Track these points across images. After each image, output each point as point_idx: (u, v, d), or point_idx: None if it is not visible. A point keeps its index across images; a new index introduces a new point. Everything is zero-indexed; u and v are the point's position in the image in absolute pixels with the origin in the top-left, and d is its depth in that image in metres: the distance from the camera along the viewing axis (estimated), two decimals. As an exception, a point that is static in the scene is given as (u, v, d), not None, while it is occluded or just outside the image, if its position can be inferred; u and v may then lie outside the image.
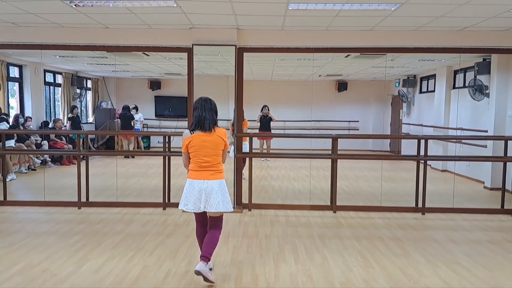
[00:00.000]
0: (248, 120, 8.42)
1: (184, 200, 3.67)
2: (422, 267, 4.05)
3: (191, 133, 3.66)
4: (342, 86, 13.95)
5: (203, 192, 3.60)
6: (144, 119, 13.30)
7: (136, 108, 12.57)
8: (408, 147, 10.61)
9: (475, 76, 8.35)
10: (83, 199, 6.26)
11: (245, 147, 7.11)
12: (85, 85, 12.11)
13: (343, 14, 5.26)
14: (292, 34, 6.23)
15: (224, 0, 4.72)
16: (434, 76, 10.71)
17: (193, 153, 3.66)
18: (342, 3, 4.81)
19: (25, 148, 8.73)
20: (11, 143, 7.73)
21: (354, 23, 5.80)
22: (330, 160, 6.44)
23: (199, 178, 3.63)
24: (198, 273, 3.50)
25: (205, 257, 3.58)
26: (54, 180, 7.93)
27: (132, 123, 11.94)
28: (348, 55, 7.87)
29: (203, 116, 3.62)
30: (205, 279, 3.52)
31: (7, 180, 7.27)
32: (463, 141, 8.68)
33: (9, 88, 9.41)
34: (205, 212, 3.72)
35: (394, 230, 5.32)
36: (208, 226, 3.76)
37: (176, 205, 6.18)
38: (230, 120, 7.40)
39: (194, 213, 3.75)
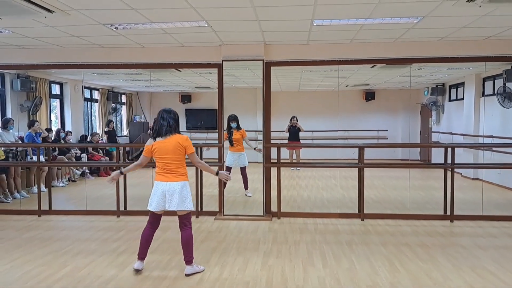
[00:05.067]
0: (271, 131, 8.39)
1: (150, 200, 4.09)
2: (447, 271, 4.15)
3: (153, 141, 4.05)
4: (369, 95, 13.96)
5: (166, 193, 3.99)
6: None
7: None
8: (438, 155, 10.53)
9: (504, 84, 8.31)
10: (121, 208, 6.64)
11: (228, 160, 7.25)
12: (119, 100, 12.72)
13: (366, 28, 5.46)
14: (317, 47, 6.45)
15: (252, 19, 5.02)
16: (463, 84, 10.65)
17: (157, 158, 4.07)
18: (365, 18, 5.02)
19: (67, 160, 9.29)
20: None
21: (378, 36, 5.97)
22: (357, 169, 6.59)
23: (162, 180, 4.04)
24: (189, 275, 4.06)
25: (189, 261, 4.12)
26: (93, 191, 8.36)
27: None
28: (374, 65, 8.01)
29: (160, 124, 4.04)
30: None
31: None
32: (493, 148, 8.60)
33: (50, 104, 10.04)
34: (160, 216, 4.17)
35: (422, 236, 5.40)
36: (179, 225, 4.16)
37: (209, 213, 6.57)
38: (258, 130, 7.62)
39: (151, 213, 4.15)
